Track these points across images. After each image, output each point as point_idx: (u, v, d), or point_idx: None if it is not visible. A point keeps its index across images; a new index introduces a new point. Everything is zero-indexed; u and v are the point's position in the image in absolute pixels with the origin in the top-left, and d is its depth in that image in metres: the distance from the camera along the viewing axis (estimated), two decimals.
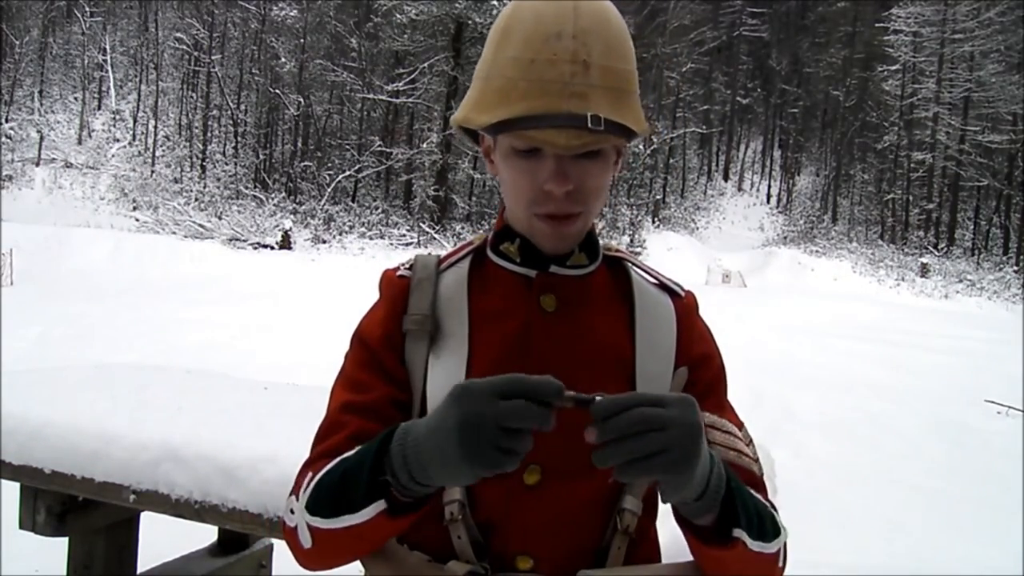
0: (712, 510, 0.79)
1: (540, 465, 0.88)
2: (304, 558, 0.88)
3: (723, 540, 0.81)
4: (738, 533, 0.80)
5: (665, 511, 0.96)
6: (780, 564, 0.88)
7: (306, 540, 0.85)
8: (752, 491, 0.87)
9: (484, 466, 0.69)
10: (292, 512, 0.87)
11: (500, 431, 0.68)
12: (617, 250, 1.02)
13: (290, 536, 0.88)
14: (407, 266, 1.00)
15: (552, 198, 0.87)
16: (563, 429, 0.88)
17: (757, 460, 0.94)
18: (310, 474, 0.87)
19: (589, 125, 0.82)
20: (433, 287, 0.95)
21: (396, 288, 0.97)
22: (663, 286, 1.02)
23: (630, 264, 1.02)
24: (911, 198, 37.73)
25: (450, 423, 0.70)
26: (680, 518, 0.84)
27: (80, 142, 32.52)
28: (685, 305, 1.01)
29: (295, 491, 0.89)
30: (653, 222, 37.47)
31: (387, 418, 0.91)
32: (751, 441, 0.96)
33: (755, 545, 0.82)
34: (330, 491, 0.83)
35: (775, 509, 0.91)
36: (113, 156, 32.05)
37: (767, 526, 0.85)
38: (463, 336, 0.93)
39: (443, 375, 0.91)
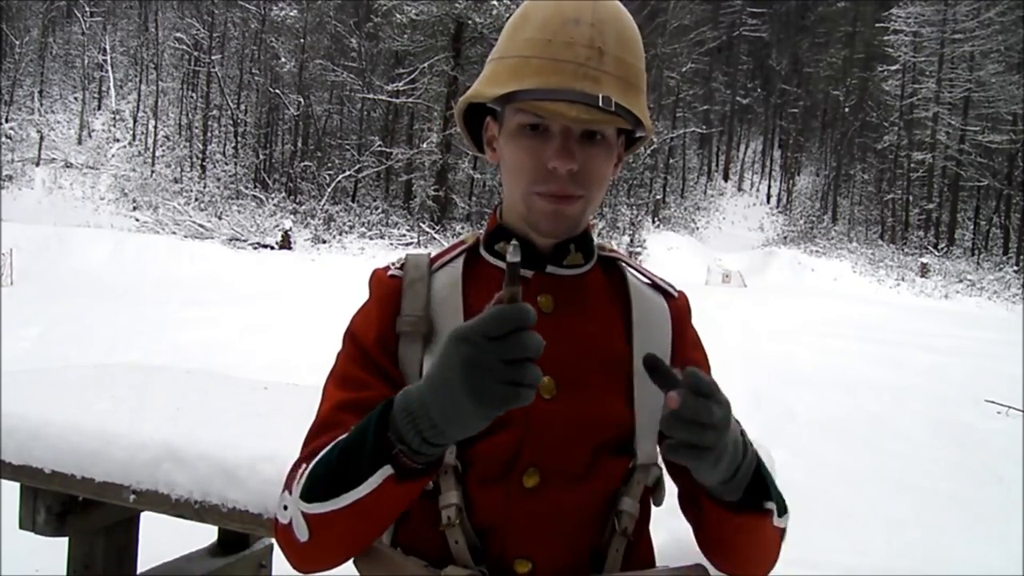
0: (736, 493, 0.83)
1: (539, 468, 0.88)
2: (299, 557, 0.85)
3: (754, 508, 0.85)
4: (769, 506, 0.86)
5: (659, 513, 0.98)
6: (781, 541, 0.94)
7: (302, 533, 0.82)
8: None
9: (499, 404, 0.67)
10: (285, 508, 0.85)
11: (505, 365, 0.66)
12: (612, 250, 1.02)
13: (284, 534, 0.85)
14: (398, 265, 0.98)
15: (554, 177, 0.86)
16: (561, 431, 0.89)
17: None
18: (304, 466, 0.84)
19: (600, 104, 0.83)
20: (426, 288, 0.94)
21: (388, 288, 0.96)
22: (656, 286, 1.02)
23: (624, 264, 1.02)
24: (911, 198, 37.73)
25: (456, 372, 0.67)
26: (704, 493, 0.86)
27: (80, 142, 32.48)
28: (679, 307, 1.02)
29: (287, 487, 0.86)
30: (653, 222, 37.48)
31: None
32: None
33: (779, 521, 0.88)
34: (328, 472, 0.80)
35: None
36: (113, 156, 32.01)
37: (784, 504, 0.91)
38: None
39: None
